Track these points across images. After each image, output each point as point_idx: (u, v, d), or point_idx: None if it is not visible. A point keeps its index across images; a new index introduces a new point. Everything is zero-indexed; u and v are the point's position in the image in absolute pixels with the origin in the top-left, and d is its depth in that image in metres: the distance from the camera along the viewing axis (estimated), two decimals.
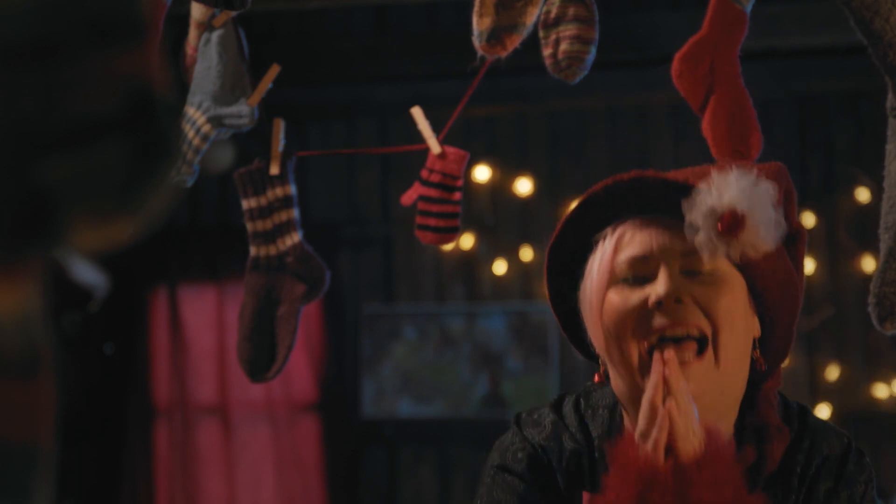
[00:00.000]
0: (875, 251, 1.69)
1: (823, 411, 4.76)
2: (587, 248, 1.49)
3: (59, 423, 0.63)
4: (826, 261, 4.87)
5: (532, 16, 1.95)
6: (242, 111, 2.13)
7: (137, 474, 5.14)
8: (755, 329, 1.46)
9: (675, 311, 1.38)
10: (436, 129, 2.14)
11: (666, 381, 1.35)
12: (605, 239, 1.46)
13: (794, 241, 1.48)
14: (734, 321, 1.40)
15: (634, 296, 1.40)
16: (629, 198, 1.44)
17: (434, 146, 2.13)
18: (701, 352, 1.39)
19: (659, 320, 1.38)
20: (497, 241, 5.13)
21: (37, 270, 0.60)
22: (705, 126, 1.82)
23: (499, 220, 5.15)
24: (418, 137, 2.14)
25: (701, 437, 1.35)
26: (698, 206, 1.37)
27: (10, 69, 0.58)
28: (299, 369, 5.07)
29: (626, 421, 1.48)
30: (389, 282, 5.25)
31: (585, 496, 1.45)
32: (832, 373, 4.87)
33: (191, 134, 2.14)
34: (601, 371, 1.49)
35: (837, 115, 4.97)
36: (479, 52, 1.98)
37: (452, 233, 2.15)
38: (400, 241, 5.19)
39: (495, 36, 1.94)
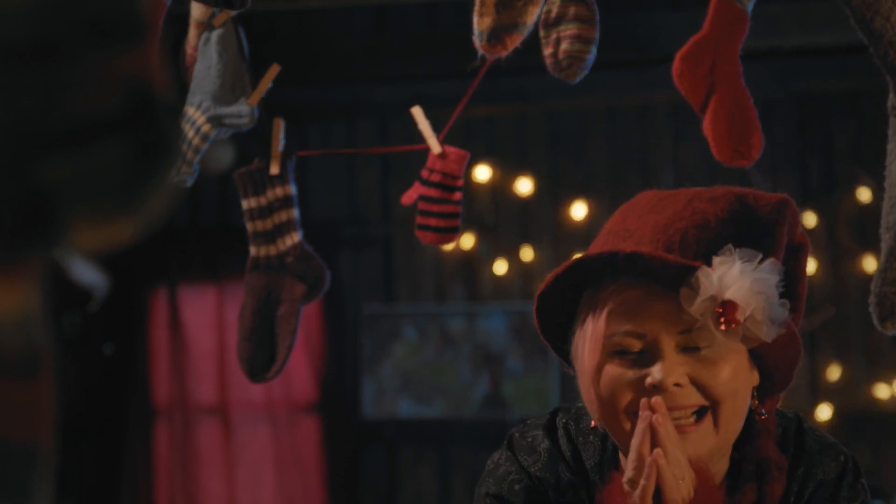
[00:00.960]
0: (876, 251, 1.69)
1: (824, 412, 4.75)
2: (578, 298, 1.45)
3: (59, 423, 0.63)
4: (827, 261, 4.87)
5: (533, 15, 1.95)
6: (242, 111, 2.13)
7: (137, 474, 5.15)
8: (754, 380, 1.43)
9: (673, 394, 1.35)
10: (436, 128, 2.14)
11: (653, 429, 1.32)
12: (597, 301, 1.41)
13: (797, 253, 1.45)
14: (735, 391, 1.38)
15: (630, 373, 1.37)
16: (624, 270, 1.39)
17: (434, 146, 2.13)
18: (700, 418, 1.37)
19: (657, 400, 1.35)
20: (497, 241, 5.13)
21: (37, 270, 0.60)
22: (706, 126, 1.82)
23: (499, 220, 5.15)
24: (418, 137, 2.14)
25: (691, 483, 1.33)
26: (699, 295, 1.32)
27: (10, 69, 0.58)
28: (299, 369, 5.07)
29: (620, 455, 1.46)
30: (389, 282, 5.25)
31: None
32: (833, 373, 4.87)
33: (191, 134, 2.14)
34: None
35: (838, 114, 4.97)
36: (480, 52, 1.98)
37: (453, 233, 2.15)
38: (400, 241, 5.19)
39: (496, 35, 1.94)
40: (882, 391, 4.80)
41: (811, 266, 4.86)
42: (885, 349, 4.76)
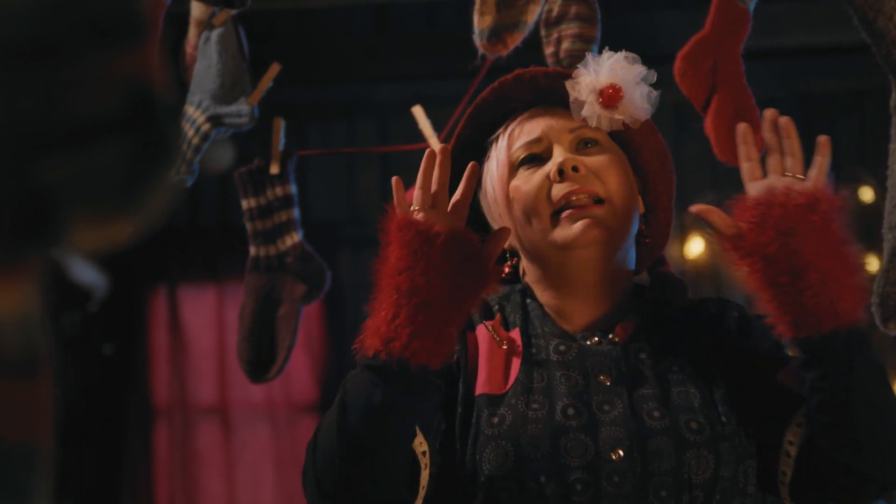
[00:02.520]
0: (879, 251, 1.68)
1: None
2: (482, 156, 1.60)
3: (59, 424, 0.63)
4: None
5: (533, 14, 1.95)
6: (242, 110, 2.12)
7: (137, 475, 5.14)
8: (640, 205, 1.58)
9: (574, 178, 1.49)
10: (436, 128, 2.14)
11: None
12: (497, 139, 1.58)
13: None
14: (623, 190, 1.52)
15: (536, 175, 1.52)
16: (515, 95, 1.57)
17: (435, 145, 2.13)
18: (599, 204, 1.50)
19: (561, 188, 1.49)
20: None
21: (37, 270, 0.60)
22: (708, 125, 1.81)
23: None
24: (418, 137, 2.14)
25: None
26: (581, 84, 1.53)
27: (10, 69, 0.57)
28: (299, 370, 5.06)
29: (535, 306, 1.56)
30: None
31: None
32: None
33: (190, 133, 2.14)
34: (512, 262, 1.59)
35: (840, 114, 4.96)
36: (480, 51, 1.97)
37: None
38: None
39: (496, 34, 1.94)
40: None
41: None
42: (886, 349, 4.75)
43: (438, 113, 2.23)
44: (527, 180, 1.52)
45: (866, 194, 4.73)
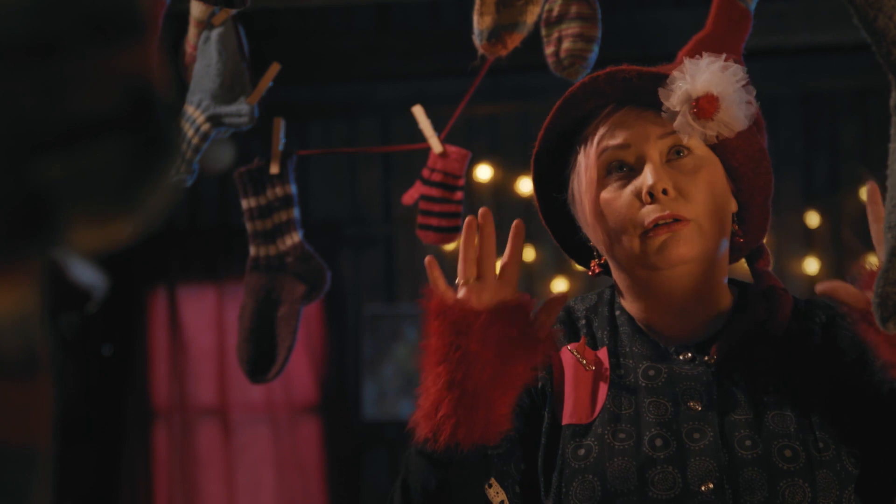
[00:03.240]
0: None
1: None
2: (570, 152, 1.55)
3: (58, 425, 0.63)
4: (831, 260, 4.86)
5: (533, 14, 1.94)
6: (242, 110, 2.12)
7: (136, 476, 5.14)
8: (733, 206, 1.52)
9: (663, 201, 1.43)
10: (437, 127, 2.13)
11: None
12: (586, 140, 1.51)
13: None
14: (712, 208, 1.46)
15: (625, 193, 1.45)
16: (606, 91, 1.49)
17: (435, 145, 2.12)
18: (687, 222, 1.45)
19: (651, 211, 1.43)
20: (499, 240, 5.12)
21: (36, 270, 0.60)
22: None
23: (501, 219, 5.13)
24: (420, 136, 2.14)
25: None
26: (674, 92, 1.43)
27: (9, 67, 0.57)
28: (300, 370, 5.06)
29: (621, 315, 1.53)
30: (391, 282, 5.25)
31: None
32: None
33: (190, 133, 2.13)
34: (601, 261, 1.55)
35: (843, 112, 4.96)
36: (480, 52, 1.97)
37: (454, 232, 2.14)
38: (401, 240, 5.18)
39: (496, 35, 1.94)
40: None
41: (815, 266, 4.86)
42: None
43: (439, 112, 2.23)
44: (616, 196, 1.46)
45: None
